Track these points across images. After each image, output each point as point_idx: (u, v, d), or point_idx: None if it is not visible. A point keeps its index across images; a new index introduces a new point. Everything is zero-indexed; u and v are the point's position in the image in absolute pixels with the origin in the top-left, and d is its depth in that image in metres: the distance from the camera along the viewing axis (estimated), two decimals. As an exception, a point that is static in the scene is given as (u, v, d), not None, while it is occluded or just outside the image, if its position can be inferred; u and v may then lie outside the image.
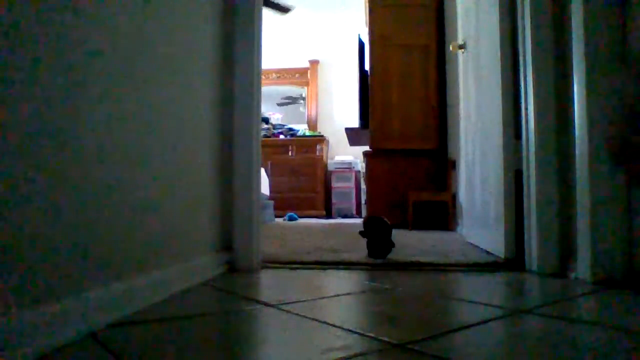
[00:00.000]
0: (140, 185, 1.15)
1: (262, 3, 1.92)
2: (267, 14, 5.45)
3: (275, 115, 7.23)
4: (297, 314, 1.10)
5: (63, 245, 0.86)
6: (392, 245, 2.00)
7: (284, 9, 5.60)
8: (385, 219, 2.08)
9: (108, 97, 1.02)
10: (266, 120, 6.91)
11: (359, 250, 2.24)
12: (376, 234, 2.01)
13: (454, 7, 3.41)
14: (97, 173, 0.97)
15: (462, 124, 3.04)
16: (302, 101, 7.42)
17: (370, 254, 2.00)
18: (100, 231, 0.98)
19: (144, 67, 1.18)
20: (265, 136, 6.56)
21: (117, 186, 1.05)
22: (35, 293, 0.79)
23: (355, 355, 0.81)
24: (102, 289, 0.97)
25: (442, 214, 3.85)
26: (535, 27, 1.76)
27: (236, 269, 1.76)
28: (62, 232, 0.86)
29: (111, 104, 1.03)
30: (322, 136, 6.85)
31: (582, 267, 1.53)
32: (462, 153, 3.09)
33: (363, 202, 5.19)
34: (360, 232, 2.09)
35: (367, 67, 4.33)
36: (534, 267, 1.72)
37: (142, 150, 1.17)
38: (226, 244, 1.77)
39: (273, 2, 5.41)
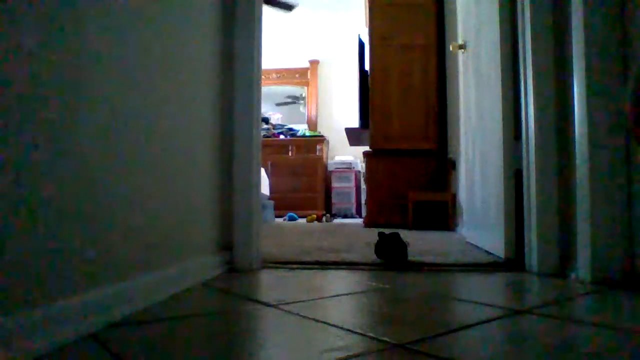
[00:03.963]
0: (140, 186, 1.15)
1: (262, 2, 1.91)
2: (270, 12, 5.43)
3: (275, 115, 7.23)
4: (297, 314, 1.10)
5: (63, 246, 0.86)
6: (408, 264, 1.88)
7: (288, 7, 5.56)
8: (399, 235, 1.94)
9: (107, 98, 1.02)
10: (266, 120, 6.91)
11: (359, 250, 2.24)
12: (392, 255, 1.89)
13: (454, 7, 3.41)
14: (96, 174, 0.97)
15: (462, 124, 3.04)
16: (302, 101, 7.42)
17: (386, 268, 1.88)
18: (100, 232, 0.98)
19: (143, 68, 1.18)
20: (265, 136, 6.56)
21: (116, 187, 1.05)
22: (36, 293, 0.79)
23: (355, 355, 0.81)
24: (102, 289, 0.97)
25: (442, 214, 3.85)
26: (535, 27, 1.75)
27: (236, 269, 1.76)
28: (61, 232, 0.86)
29: (110, 105, 1.03)
30: (322, 136, 6.85)
31: (582, 267, 1.53)
32: (462, 153, 3.09)
33: (363, 202, 5.19)
34: (376, 252, 1.94)
35: (367, 67, 4.33)
36: (534, 268, 1.72)
37: (142, 151, 1.16)
38: (226, 244, 1.77)
39: (277, 1, 5.37)
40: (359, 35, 4.89)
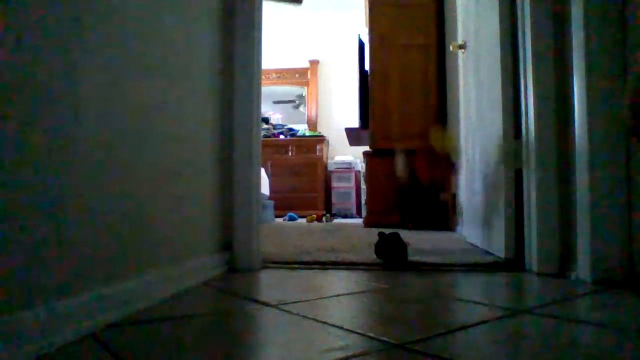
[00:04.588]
0: (140, 186, 1.15)
1: (262, 2, 1.91)
2: (270, 12, 5.41)
3: (275, 115, 7.23)
4: (297, 314, 1.10)
5: (62, 246, 0.86)
6: (408, 264, 1.88)
7: (297, 0, 5.52)
8: (399, 235, 1.93)
9: (106, 98, 1.01)
10: (266, 120, 6.91)
11: (359, 250, 2.24)
12: (392, 255, 1.89)
13: (454, 7, 3.41)
14: (95, 174, 0.97)
15: (462, 124, 3.04)
16: (301, 101, 7.41)
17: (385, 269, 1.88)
18: (100, 232, 0.98)
19: (143, 68, 1.18)
20: (265, 136, 6.56)
21: (115, 187, 1.05)
22: (36, 293, 0.79)
23: (355, 355, 0.81)
24: (102, 289, 0.97)
25: (442, 214, 3.85)
26: (535, 27, 1.75)
27: (236, 269, 1.76)
28: (61, 232, 0.86)
29: (109, 105, 1.03)
30: (322, 136, 6.85)
31: (582, 267, 1.53)
32: (462, 153, 3.09)
33: (363, 202, 5.19)
34: (376, 252, 1.94)
35: (367, 67, 4.33)
36: (534, 268, 1.72)
37: (141, 151, 1.16)
38: (226, 244, 1.77)
39: None
40: (359, 35, 4.88)
